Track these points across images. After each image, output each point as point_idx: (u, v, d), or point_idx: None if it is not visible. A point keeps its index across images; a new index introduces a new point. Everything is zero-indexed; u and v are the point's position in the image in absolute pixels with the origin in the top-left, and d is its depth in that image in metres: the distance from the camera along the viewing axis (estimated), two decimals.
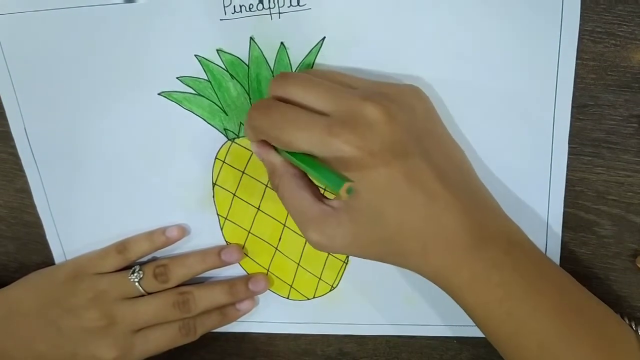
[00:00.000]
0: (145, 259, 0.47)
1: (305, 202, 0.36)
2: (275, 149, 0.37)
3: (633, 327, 0.37)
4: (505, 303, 0.34)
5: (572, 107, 0.38)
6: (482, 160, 0.40)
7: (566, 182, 0.40)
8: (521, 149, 0.39)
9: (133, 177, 0.45)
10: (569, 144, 0.39)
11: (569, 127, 0.38)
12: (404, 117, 0.34)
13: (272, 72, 0.40)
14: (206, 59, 0.41)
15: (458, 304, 0.36)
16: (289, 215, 0.44)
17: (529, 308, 0.34)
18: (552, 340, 0.34)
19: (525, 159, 0.39)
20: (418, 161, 0.33)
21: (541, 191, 0.40)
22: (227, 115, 0.42)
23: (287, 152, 0.35)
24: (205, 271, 0.46)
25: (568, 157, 0.39)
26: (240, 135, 0.43)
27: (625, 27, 0.36)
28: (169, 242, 0.45)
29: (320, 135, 0.33)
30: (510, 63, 0.38)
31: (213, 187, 0.44)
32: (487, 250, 0.34)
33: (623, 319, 0.37)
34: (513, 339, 0.35)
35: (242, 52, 0.40)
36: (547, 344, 0.34)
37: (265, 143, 0.37)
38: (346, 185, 0.31)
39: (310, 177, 0.37)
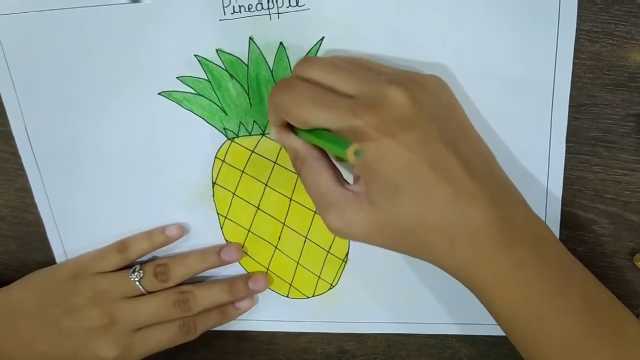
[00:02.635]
0: (145, 258, 0.47)
1: (326, 185, 0.35)
2: (295, 133, 0.36)
3: None
4: (531, 302, 0.33)
5: (570, 106, 0.38)
6: None
7: (564, 180, 0.40)
8: (519, 148, 0.40)
9: (133, 176, 0.45)
10: (566, 142, 0.39)
11: (566, 126, 0.39)
12: (429, 103, 0.33)
13: (272, 72, 0.41)
14: (206, 59, 0.41)
15: (480, 299, 0.35)
16: (288, 214, 0.44)
17: (555, 308, 0.33)
18: (575, 342, 0.33)
19: (522, 158, 0.40)
20: (443, 148, 0.32)
21: (539, 190, 0.40)
22: (226, 114, 0.43)
23: (304, 131, 0.35)
24: (205, 270, 0.46)
25: (565, 156, 0.39)
26: (239, 135, 0.43)
27: (622, 26, 0.36)
28: (169, 241, 0.46)
29: (344, 115, 0.32)
30: (507, 62, 0.38)
31: (213, 186, 0.45)
32: (515, 246, 0.33)
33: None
34: (537, 339, 0.34)
35: (242, 52, 0.41)
36: (570, 345, 0.33)
37: (285, 128, 0.36)
38: (353, 146, 0.30)
39: (330, 157, 0.37)
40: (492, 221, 0.32)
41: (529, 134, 0.39)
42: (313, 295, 0.46)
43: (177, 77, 0.42)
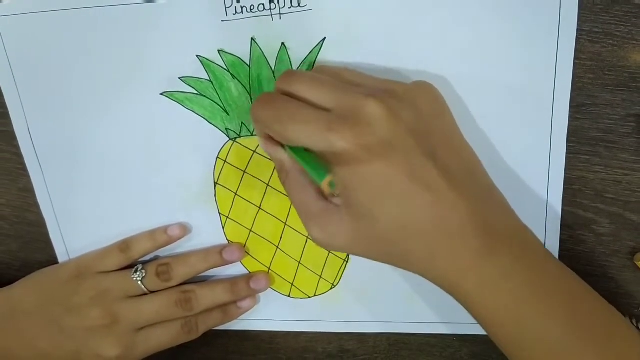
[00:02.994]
0: (147, 257, 0.47)
1: (309, 198, 0.36)
2: (282, 145, 0.37)
3: (634, 323, 0.37)
4: (514, 310, 0.33)
5: (570, 106, 0.38)
6: (481, 160, 0.40)
7: (564, 180, 0.40)
8: (520, 148, 0.40)
9: (135, 176, 0.45)
10: (567, 143, 0.39)
11: (567, 126, 0.39)
12: (407, 115, 0.33)
13: (273, 72, 0.41)
14: (208, 60, 0.41)
15: (465, 308, 0.35)
16: (290, 213, 0.44)
17: (539, 315, 0.33)
18: (561, 347, 0.33)
19: (523, 158, 0.40)
20: (422, 159, 0.32)
21: (540, 190, 0.40)
22: (228, 115, 0.43)
23: (288, 146, 0.35)
24: (207, 270, 0.46)
25: (566, 156, 0.39)
26: (241, 135, 0.43)
27: (622, 27, 0.36)
28: (171, 240, 0.46)
29: (319, 130, 0.32)
30: (508, 63, 0.38)
31: (215, 186, 0.45)
32: (496, 255, 0.33)
33: (630, 320, 0.37)
34: (522, 344, 0.34)
35: (244, 53, 0.41)
36: (556, 351, 0.33)
37: (272, 139, 0.37)
38: (327, 178, 0.31)
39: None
40: (472, 230, 0.33)
41: (530, 134, 0.39)
42: (314, 295, 0.46)
43: (179, 78, 0.42)
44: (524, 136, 0.39)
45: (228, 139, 0.43)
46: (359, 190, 0.33)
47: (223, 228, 0.46)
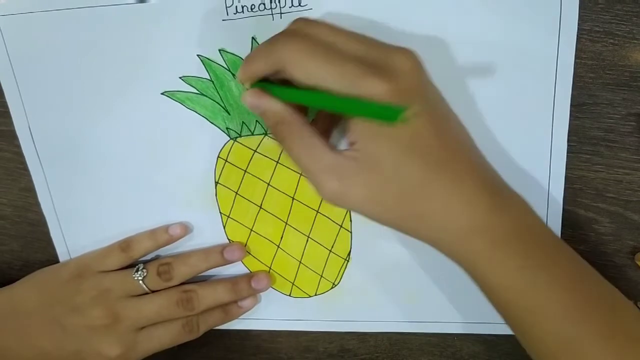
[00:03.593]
0: (148, 257, 0.47)
1: (319, 150, 0.33)
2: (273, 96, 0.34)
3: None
4: (525, 271, 0.33)
5: (571, 105, 0.38)
6: None
7: (565, 180, 0.40)
8: (521, 148, 0.40)
9: (136, 176, 0.45)
10: (567, 142, 0.39)
11: (567, 125, 0.39)
12: (428, 76, 0.33)
13: None
14: (209, 59, 0.41)
15: (473, 275, 0.35)
16: (290, 213, 0.44)
17: (545, 279, 0.33)
18: (571, 311, 0.33)
19: (524, 157, 0.40)
20: (446, 114, 0.33)
21: (540, 189, 0.41)
22: (229, 114, 0.43)
23: (299, 91, 0.33)
24: (208, 269, 0.46)
25: (567, 155, 0.39)
26: (242, 135, 0.43)
27: (623, 26, 0.36)
28: (172, 239, 0.46)
29: (355, 74, 0.31)
30: (509, 62, 0.38)
31: (215, 185, 0.45)
32: (506, 213, 0.33)
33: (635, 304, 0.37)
34: (533, 309, 0.33)
35: (244, 52, 0.41)
36: (565, 315, 0.33)
37: (262, 91, 0.34)
38: (405, 111, 0.29)
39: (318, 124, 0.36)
40: (484, 188, 0.33)
41: (531, 133, 0.39)
42: (315, 294, 0.47)
43: (180, 77, 0.42)
44: (525, 135, 0.39)
45: (229, 138, 0.43)
46: (385, 143, 0.32)
47: (224, 227, 0.46)
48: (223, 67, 0.41)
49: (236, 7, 0.40)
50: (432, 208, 0.33)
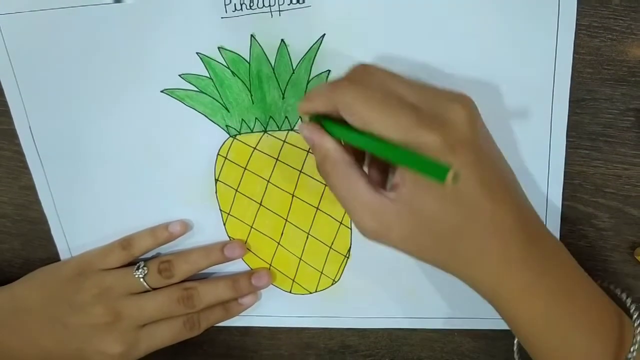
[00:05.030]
0: (149, 255, 0.47)
1: (362, 189, 0.34)
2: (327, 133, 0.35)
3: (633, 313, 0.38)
4: (547, 313, 0.34)
5: (570, 101, 0.38)
6: None
7: (564, 175, 0.40)
8: (520, 143, 0.40)
9: (136, 174, 0.45)
10: (566, 137, 0.39)
11: (566, 120, 0.39)
12: (482, 122, 0.34)
13: (273, 69, 0.41)
14: (208, 57, 0.41)
15: (500, 312, 0.36)
16: (290, 210, 0.44)
17: (567, 319, 0.35)
18: (584, 351, 0.35)
19: (523, 153, 0.40)
20: (490, 165, 0.33)
21: (540, 184, 0.41)
22: (228, 112, 0.43)
23: (358, 135, 0.33)
24: (209, 267, 0.46)
25: (566, 151, 0.39)
26: (241, 132, 0.43)
27: (621, 21, 0.36)
28: (172, 237, 0.46)
29: (410, 122, 0.32)
30: (507, 58, 0.38)
31: (215, 183, 0.45)
32: (539, 260, 0.34)
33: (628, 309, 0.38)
34: (551, 346, 0.35)
35: (243, 50, 0.41)
36: (580, 354, 0.35)
37: (316, 126, 0.35)
38: (453, 171, 0.29)
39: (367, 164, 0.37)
40: (518, 235, 0.34)
41: (530, 128, 0.39)
42: (315, 291, 0.47)
43: (180, 75, 0.42)
44: (523, 131, 0.39)
45: (228, 135, 0.44)
46: (428, 192, 0.33)
47: (224, 225, 0.46)
48: (222, 64, 0.41)
49: (235, 4, 0.40)
50: (465, 250, 0.34)
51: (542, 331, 0.35)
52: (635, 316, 0.36)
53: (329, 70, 0.40)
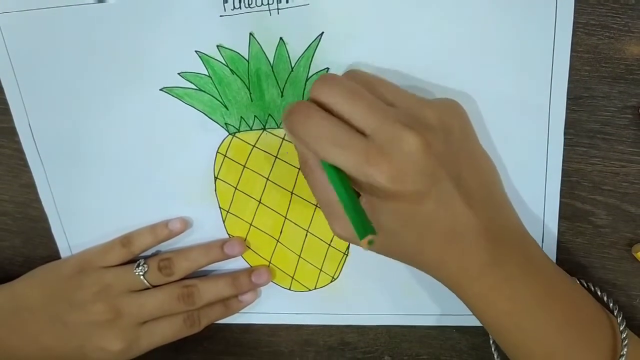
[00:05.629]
0: (149, 252, 0.47)
1: (333, 197, 0.35)
2: None
3: (614, 313, 0.38)
4: (516, 315, 0.36)
5: (567, 98, 0.38)
6: None
7: (562, 172, 0.40)
8: (517, 141, 0.40)
9: (136, 172, 0.45)
10: (564, 135, 0.39)
11: (564, 118, 0.39)
12: (440, 146, 0.34)
13: (272, 67, 0.41)
14: (207, 55, 0.41)
15: (469, 309, 0.38)
16: (290, 207, 0.45)
17: (537, 322, 0.36)
18: (557, 353, 0.36)
19: (521, 151, 0.40)
20: (449, 187, 0.34)
21: (537, 182, 0.41)
22: (227, 109, 0.43)
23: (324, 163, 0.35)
24: (208, 264, 0.46)
25: (564, 148, 0.40)
26: (241, 130, 0.43)
27: (618, 19, 0.36)
28: (172, 234, 0.46)
29: (358, 160, 0.32)
30: (505, 56, 0.38)
31: (215, 180, 0.45)
32: (502, 264, 0.35)
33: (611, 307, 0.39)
34: (521, 349, 0.37)
35: (242, 48, 0.41)
36: (552, 355, 0.36)
37: None
38: (368, 237, 0.32)
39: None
40: (481, 243, 0.35)
41: (527, 126, 0.39)
42: (315, 288, 0.47)
43: (179, 73, 0.42)
44: (521, 129, 0.39)
45: (227, 133, 0.44)
46: (387, 216, 0.35)
47: (224, 222, 0.46)
48: (221, 63, 0.41)
49: (234, 3, 0.40)
50: (428, 255, 0.36)
51: (508, 328, 0.36)
52: (619, 319, 0.37)
53: (328, 68, 0.40)
